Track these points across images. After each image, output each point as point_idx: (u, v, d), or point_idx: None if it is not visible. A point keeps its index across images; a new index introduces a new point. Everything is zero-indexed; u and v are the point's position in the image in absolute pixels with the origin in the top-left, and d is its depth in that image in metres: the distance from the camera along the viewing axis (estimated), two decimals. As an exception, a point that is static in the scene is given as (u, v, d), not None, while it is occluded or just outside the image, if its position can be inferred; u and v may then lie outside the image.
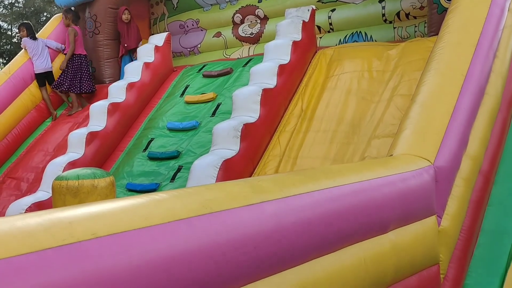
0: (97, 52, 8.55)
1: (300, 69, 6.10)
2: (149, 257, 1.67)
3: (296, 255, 2.23)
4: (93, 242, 1.55)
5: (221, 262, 1.90)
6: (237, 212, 2.03)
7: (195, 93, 7.00)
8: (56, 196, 3.16)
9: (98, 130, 6.66)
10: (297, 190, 2.35)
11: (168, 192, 2.03)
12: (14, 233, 1.44)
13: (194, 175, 5.01)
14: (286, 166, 5.24)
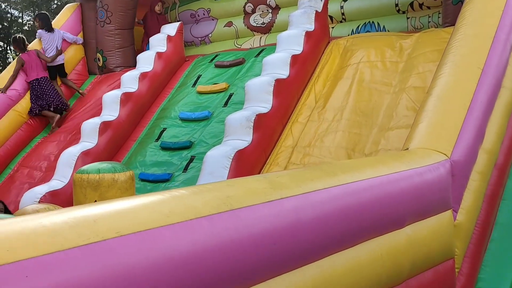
0: (108, 42, 8.55)
1: (313, 59, 6.08)
2: (172, 254, 1.68)
3: (315, 250, 2.25)
4: (117, 240, 1.57)
5: (242, 258, 1.91)
6: (256, 209, 2.04)
7: (207, 83, 7.00)
8: (77, 189, 3.19)
9: (111, 119, 6.69)
10: (315, 185, 2.36)
11: (188, 189, 2.04)
12: (41, 231, 1.46)
13: (207, 166, 5.03)
14: (299, 157, 5.24)
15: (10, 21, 24.74)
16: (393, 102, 5.16)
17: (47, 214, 1.58)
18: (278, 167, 5.24)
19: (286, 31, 6.23)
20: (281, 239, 2.07)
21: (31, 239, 1.41)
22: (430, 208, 2.95)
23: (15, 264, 1.32)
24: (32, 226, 1.47)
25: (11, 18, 24.91)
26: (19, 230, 1.43)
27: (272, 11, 8.17)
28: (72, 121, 8.02)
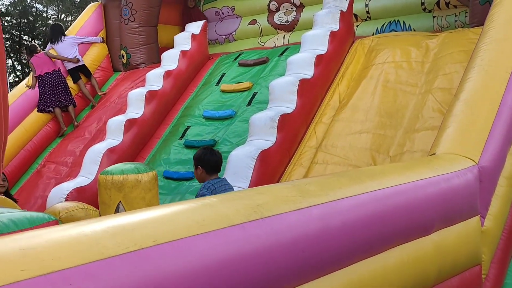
0: (132, 39, 8.65)
1: (337, 59, 6.08)
2: (206, 262, 1.73)
3: (342, 257, 2.27)
4: (154, 249, 1.61)
5: (272, 265, 1.95)
6: (286, 217, 2.08)
7: (231, 81, 7.04)
8: (102, 189, 3.26)
9: (136, 117, 6.77)
10: (343, 193, 2.38)
11: (219, 197, 2.09)
12: (83, 240, 1.51)
13: (231, 166, 5.07)
14: (322, 157, 5.25)
15: (35, 16, 25.07)
16: (419, 103, 5.14)
17: (87, 223, 1.64)
18: (302, 168, 5.26)
19: (310, 30, 6.24)
20: (310, 247, 2.10)
21: (74, 247, 1.46)
22: (457, 214, 2.94)
23: (59, 272, 1.37)
24: (74, 234, 1.52)
25: (36, 12, 25.24)
26: (62, 239, 1.49)
27: (296, 9, 8.18)
28: (95, 116, 8.13)
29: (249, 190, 2.26)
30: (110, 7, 9.08)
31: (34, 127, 7.84)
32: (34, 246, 1.42)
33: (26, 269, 1.33)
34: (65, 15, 26.02)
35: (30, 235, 1.50)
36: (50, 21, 25.59)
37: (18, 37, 23.70)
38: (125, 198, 3.13)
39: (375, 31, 7.15)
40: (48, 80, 7.90)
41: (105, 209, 3.16)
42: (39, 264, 1.36)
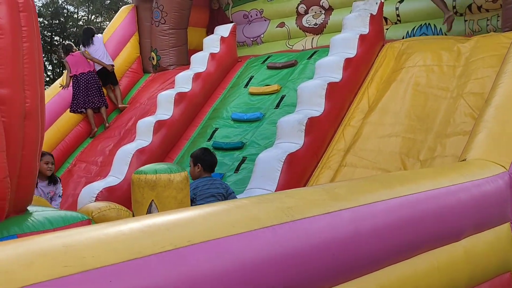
0: (162, 41, 8.78)
1: (366, 62, 6.06)
2: (238, 263, 1.76)
3: (372, 261, 2.28)
4: (189, 248, 1.66)
5: (302, 268, 1.98)
6: (316, 220, 2.10)
7: (259, 84, 7.07)
8: (135, 188, 3.32)
9: (165, 118, 6.86)
10: (373, 197, 2.39)
11: (250, 199, 2.12)
12: (121, 239, 1.56)
13: (259, 168, 5.11)
14: (350, 161, 5.24)
15: (66, 17, 25.54)
16: (450, 107, 5.09)
17: (125, 222, 1.69)
18: (330, 171, 5.26)
19: (339, 34, 6.23)
20: (340, 250, 2.12)
21: (112, 246, 1.51)
22: (487, 220, 2.92)
23: (100, 269, 1.43)
24: (112, 233, 1.58)
25: (67, 13, 25.70)
26: (102, 237, 1.54)
27: (325, 12, 8.18)
28: (125, 117, 8.26)
29: (279, 193, 2.28)
30: (141, 9, 9.23)
31: (66, 127, 8.02)
32: (75, 243, 1.48)
33: (68, 266, 1.39)
34: (95, 16, 26.46)
35: (72, 232, 1.56)
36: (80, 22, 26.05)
37: (49, 37, 24.17)
38: (158, 197, 3.18)
39: (405, 35, 7.11)
40: (83, 80, 8.04)
41: (138, 207, 3.22)
42: (80, 261, 1.42)
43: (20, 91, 2.76)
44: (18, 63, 2.70)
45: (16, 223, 3.23)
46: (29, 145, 3.03)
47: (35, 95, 2.87)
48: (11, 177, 2.82)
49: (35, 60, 2.80)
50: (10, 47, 2.63)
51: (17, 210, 3.30)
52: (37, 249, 1.42)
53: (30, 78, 2.79)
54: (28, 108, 2.87)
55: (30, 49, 2.74)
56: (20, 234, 3.19)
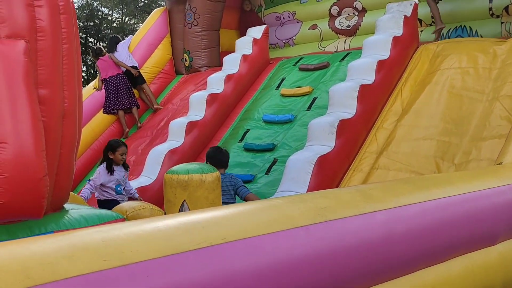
0: (194, 43, 8.87)
1: (400, 65, 6.00)
2: (272, 261, 1.78)
3: (406, 264, 2.27)
4: (224, 246, 1.68)
5: (335, 268, 1.98)
6: (350, 221, 2.10)
7: (291, 86, 7.08)
8: (168, 188, 3.37)
9: (197, 119, 6.93)
10: (407, 199, 2.38)
11: (284, 199, 2.14)
12: (158, 235, 1.60)
13: (290, 170, 5.10)
14: (383, 163, 5.20)
15: (101, 19, 26.00)
16: (486, 110, 5.00)
17: (161, 218, 1.73)
18: (361, 173, 5.23)
19: (373, 36, 6.19)
20: (373, 252, 2.11)
21: (150, 241, 1.55)
22: (524, 225, 2.87)
23: (138, 264, 1.46)
24: (149, 229, 1.61)
25: (101, 15, 26.16)
26: (139, 233, 1.58)
27: (358, 14, 8.13)
28: (158, 117, 8.38)
29: (313, 193, 2.29)
30: (174, 11, 9.34)
31: (100, 127, 8.18)
32: (114, 238, 1.52)
33: (107, 260, 1.42)
34: (129, 18, 26.87)
35: (110, 227, 1.60)
36: (114, 24, 26.48)
37: (84, 39, 24.63)
38: (190, 197, 3.22)
39: (440, 37, 7.01)
40: (112, 83, 8.23)
41: (170, 207, 3.27)
42: (119, 255, 1.45)
43: (59, 91, 2.83)
44: (58, 64, 2.78)
45: (54, 220, 3.31)
46: (66, 144, 3.11)
47: (73, 95, 2.95)
48: (50, 175, 2.90)
49: (73, 61, 2.88)
50: (50, 49, 2.71)
51: (55, 208, 3.39)
52: (78, 242, 1.46)
53: (69, 79, 2.86)
54: (67, 108, 2.94)
55: (69, 51, 2.81)
56: (57, 231, 3.28)
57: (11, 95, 2.54)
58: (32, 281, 1.28)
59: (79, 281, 1.34)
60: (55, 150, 3.00)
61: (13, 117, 2.55)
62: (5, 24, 2.62)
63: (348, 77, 5.86)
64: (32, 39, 2.66)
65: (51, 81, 2.76)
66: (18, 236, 3.07)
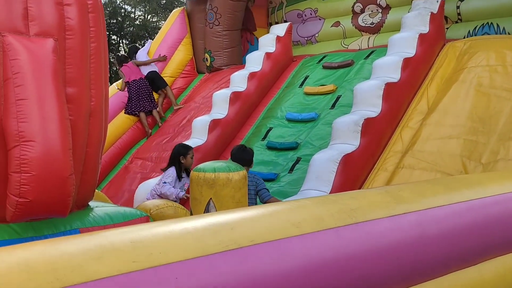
0: (216, 42, 8.87)
1: (426, 62, 5.90)
2: (302, 264, 1.74)
3: (437, 267, 2.21)
4: (252, 248, 1.65)
5: (365, 271, 1.93)
6: (380, 223, 2.05)
7: (315, 84, 7.02)
8: (194, 186, 3.34)
9: (220, 117, 6.92)
10: (438, 201, 2.32)
11: (313, 200, 2.10)
12: (187, 236, 1.57)
13: (313, 169, 5.06)
14: (408, 162, 5.12)
15: (124, 16, 26.21)
16: (514, 110, 4.89)
17: (189, 219, 1.70)
18: (386, 173, 5.15)
19: (398, 33, 6.10)
20: (404, 254, 2.06)
21: (179, 243, 1.52)
22: (559, 228, 2.78)
23: (166, 266, 1.44)
24: (178, 230, 1.59)
25: (124, 13, 26.37)
26: (168, 234, 1.55)
27: (382, 11, 8.02)
28: (180, 114, 8.40)
29: (341, 194, 2.24)
30: (195, 11, 9.36)
31: (124, 125, 8.26)
32: (142, 239, 1.50)
33: (136, 261, 1.40)
34: (151, 16, 27.03)
35: (138, 228, 1.58)
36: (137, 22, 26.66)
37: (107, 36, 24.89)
38: (216, 195, 3.20)
39: (466, 34, 6.88)
40: (134, 87, 8.41)
41: (196, 205, 3.25)
42: (148, 257, 1.43)
43: (87, 90, 2.83)
44: (85, 63, 2.78)
45: (79, 217, 3.33)
46: (93, 142, 3.12)
47: (100, 94, 2.95)
48: (76, 174, 2.91)
49: (101, 60, 2.88)
50: (78, 47, 2.71)
51: (80, 205, 3.41)
52: (107, 243, 1.45)
53: (96, 77, 2.86)
54: (93, 107, 2.95)
55: (97, 49, 2.81)
56: (82, 229, 3.29)
57: (39, 93, 2.55)
58: (60, 283, 1.27)
59: (108, 283, 1.32)
60: (82, 148, 3.01)
61: (41, 116, 2.56)
62: (35, 22, 2.63)
63: (373, 75, 5.79)
64: (61, 38, 2.67)
65: (78, 80, 2.76)
66: (44, 232, 3.09)
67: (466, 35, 6.83)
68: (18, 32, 2.63)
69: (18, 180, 2.56)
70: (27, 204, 2.61)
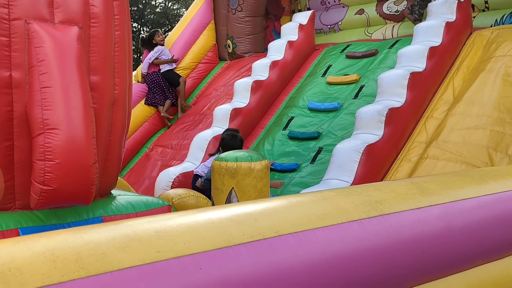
0: (238, 29, 8.82)
1: (452, 51, 5.79)
2: (325, 255, 1.72)
3: (463, 260, 2.18)
4: (277, 239, 1.64)
5: (389, 263, 1.91)
6: (405, 215, 2.02)
7: (338, 73, 6.94)
8: (216, 175, 3.34)
9: (242, 106, 6.89)
10: (465, 193, 2.27)
11: (337, 191, 2.07)
12: (210, 227, 1.56)
13: (336, 159, 5.01)
14: (433, 152, 5.03)
15: (144, 4, 26.23)
16: (543, 100, 4.77)
17: (212, 209, 1.69)
18: (410, 163, 5.09)
19: (424, 21, 5.98)
20: (430, 247, 2.03)
21: (203, 234, 1.52)
22: None
23: (190, 256, 1.43)
24: (202, 221, 1.58)
25: (145, 0, 26.38)
26: (192, 224, 1.55)
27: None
28: (201, 102, 8.39)
29: (366, 186, 2.21)
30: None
31: (145, 114, 8.27)
32: (167, 229, 1.49)
33: (161, 251, 1.40)
34: (172, 3, 27.01)
35: (163, 218, 1.58)
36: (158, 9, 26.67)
37: (128, 25, 24.94)
38: (238, 185, 3.18)
39: (493, 23, 6.72)
40: (150, 79, 8.39)
41: (218, 194, 3.24)
42: (172, 247, 1.43)
43: (110, 78, 2.83)
44: (109, 51, 2.78)
45: (101, 206, 3.35)
46: (116, 130, 3.12)
47: (124, 82, 2.95)
48: (99, 162, 2.92)
49: (125, 48, 2.87)
50: (103, 35, 2.71)
51: (102, 193, 3.42)
52: (131, 233, 1.44)
53: (120, 65, 2.86)
54: (117, 95, 2.95)
55: (121, 38, 2.81)
56: (105, 217, 3.31)
57: (64, 81, 2.55)
58: (85, 272, 1.27)
59: (132, 273, 1.32)
60: (105, 137, 3.01)
61: (65, 104, 2.56)
62: (60, 10, 2.63)
63: (398, 65, 5.70)
64: (85, 25, 2.67)
65: (102, 68, 2.76)
66: (67, 220, 3.12)
67: (493, 23, 6.67)
68: (43, 20, 2.63)
69: (42, 167, 2.57)
70: (51, 191, 2.63)
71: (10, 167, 2.76)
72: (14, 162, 2.76)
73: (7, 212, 2.84)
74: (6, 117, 2.66)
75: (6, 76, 2.62)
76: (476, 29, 6.13)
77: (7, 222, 2.77)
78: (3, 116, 2.66)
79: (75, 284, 1.22)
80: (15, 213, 2.86)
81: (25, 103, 2.64)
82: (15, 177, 2.79)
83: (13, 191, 2.82)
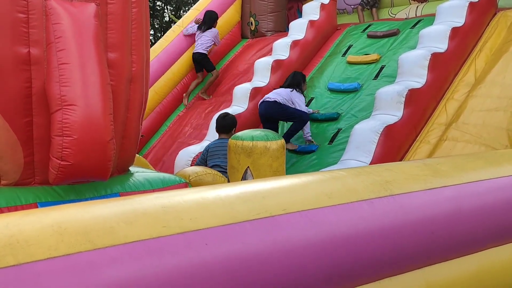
0: (261, 6, 8.76)
1: (475, 32, 5.67)
2: (333, 234, 1.74)
3: (474, 242, 2.17)
4: (284, 217, 1.65)
5: (399, 244, 1.91)
6: (416, 196, 2.02)
7: (358, 53, 6.86)
8: (232, 154, 3.36)
9: (262, 86, 6.87)
10: (478, 175, 2.26)
11: (347, 171, 2.07)
12: (218, 203, 1.59)
13: (354, 139, 4.99)
14: (452, 134, 4.98)
15: (170, -18, 26.10)
16: None
17: (222, 186, 1.71)
18: (429, 145, 5.04)
19: (447, 1, 5.86)
20: (440, 228, 2.03)
21: (210, 210, 1.54)
22: None
23: (196, 232, 1.46)
24: (210, 197, 1.60)
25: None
26: (199, 200, 1.57)
27: (432, -22, 7.72)
28: (221, 81, 8.40)
29: (378, 166, 2.21)
30: (243, -26, 9.22)
31: (164, 90, 8.25)
32: (174, 205, 1.52)
33: (166, 226, 1.43)
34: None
35: (170, 194, 1.60)
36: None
37: (152, 2, 24.89)
38: (253, 164, 3.20)
39: (520, 2, 6.55)
40: None
41: (234, 173, 3.27)
42: (178, 223, 1.45)
43: (128, 55, 2.85)
44: (127, 28, 2.79)
45: (119, 182, 3.40)
46: (133, 108, 3.16)
47: (141, 59, 2.97)
48: (116, 138, 2.96)
49: (142, 25, 2.88)
50: (120, 12, 2.72)
51: (120, 170, 3.47)
52: (139, 208, 1.47)
53: (137, 43, 2.88)
54: (134, 72, 2.97)
55: (138, 15, 2.82)
56: (122, 193, 3.36)
57: (81, 58, 2.58)
58: (92, 245, 1.30)
59: (138, 247, 1.35)
60: (122, 114, 3.05)
61: (83, 80, 2.60)
62: (76, -13, 2.65)
63: (419, 45, 5.61)
64: (102, 2, 2.69)
65: (119, 45, 2.78)
66: (85, 195, 3.18)
67: (520, 3, 6.51)
68: (61, -3, 2.66)
69: (60, 143, 2.62)
70: (69, 167, 2.68)
71: (29, 143, 2.81)
72: (33, 138, 2.81)
73: (26, 187, 2.90)
74: (25, 93, 2.71)
75: (24, 52, 2.66)
76: (501, 9, 5.99)
77: (26, 197, 2.84)
78: (22, 92, 2.70)
79: (81, 257, 1.25)
80: (34, 188, 2.92)
81: (44, 79, 2.68)
82: (34, 152, 2.85)
83: (32, 166, 2.87)
